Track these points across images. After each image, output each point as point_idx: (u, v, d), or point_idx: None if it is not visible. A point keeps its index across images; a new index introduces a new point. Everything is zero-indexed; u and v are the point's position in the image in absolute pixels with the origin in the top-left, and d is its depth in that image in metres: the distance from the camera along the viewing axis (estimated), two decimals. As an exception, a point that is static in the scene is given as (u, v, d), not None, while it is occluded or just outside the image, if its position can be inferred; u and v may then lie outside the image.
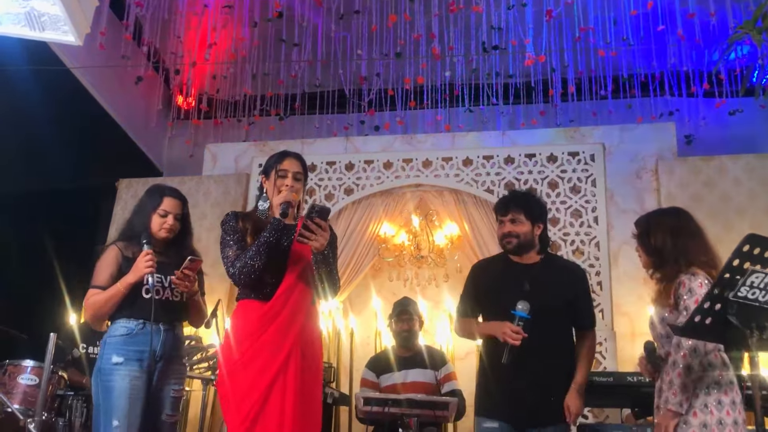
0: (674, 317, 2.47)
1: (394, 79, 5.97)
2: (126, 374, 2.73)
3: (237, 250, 2.56)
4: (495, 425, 2.74)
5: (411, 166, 5.51)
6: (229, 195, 5.84)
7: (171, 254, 2.95)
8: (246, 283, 2.54)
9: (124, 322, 2.82)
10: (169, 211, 2.95)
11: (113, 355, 2.75)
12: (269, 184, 2.70)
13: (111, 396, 2.69)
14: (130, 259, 2.87)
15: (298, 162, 2.73)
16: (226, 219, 2.68)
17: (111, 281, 2.85)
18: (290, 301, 2.53)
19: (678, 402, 2.38)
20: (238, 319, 2.60)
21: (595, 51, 5.62)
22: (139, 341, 2.79)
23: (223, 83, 6.43)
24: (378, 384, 4.27)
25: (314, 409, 2.53)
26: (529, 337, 2.67)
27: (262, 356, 2.45)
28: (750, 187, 4.93)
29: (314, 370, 2.56)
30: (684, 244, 2.57)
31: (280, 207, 2.55)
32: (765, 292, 2.16)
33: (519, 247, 2.89)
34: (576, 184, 5.19)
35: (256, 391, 2.41)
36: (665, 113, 5.81)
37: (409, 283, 5.45)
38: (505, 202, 2.97)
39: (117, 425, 2.65)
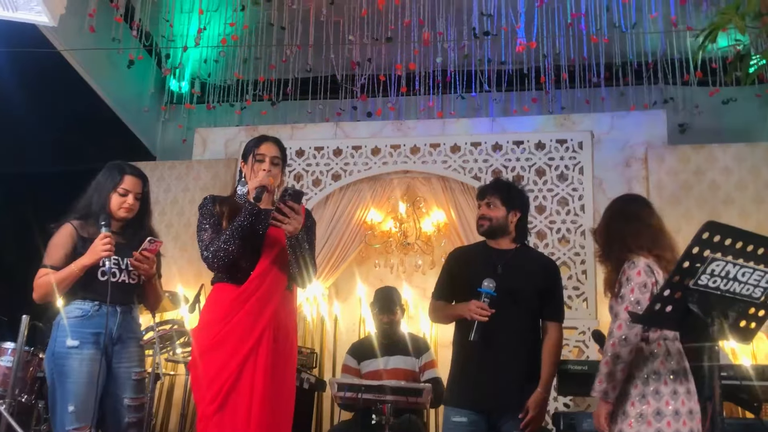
0: (618, 305, 2.44)
1: (386, 65, 5.92)
2: (82, 358, 2.67)
3: (212, 234, 2.55)
4: (463, 420, 2.74)
5: (399, 152, 5.48)
6: (219, 180, 5.83)
7: (128, 235, 2.89)
8: (219, 267, 2.53)
9: (79, 304, 2.76)
10: (129, 189, 2.87)
11: (68, 338, 2.68)
12: (247, 168, 2.68)
13: (66, 381, 2.65)
14: (85, 239, 2.78)
15: (275, 146, 2.70)
16: (203, 203, 2.67)
17: (65, 261, 2.75)
18: (264, 285, 2.52)
19: (602, 390, 2.37)
20: (211, 302, 2.59)
21: (588, 38, 5.55)
22: (95, 323, 2.73)
23: (215, 67, 6.41)
24: (359, 370, 4.26)
25: (285, 393, 2.52)
26: (497, 317, 2.66)
27: (233, 338, 2.44)
28: (739, 176, 4.87)
29: (286, 354, 2.55)
30: (629, 230, 2.53)
31: (255, 191, 2.53)
32: (726, 280, 2.13)
33: (491, 231, 2.92)
34: (563, 171, 5.15)
35: (225, 372, 2.40)
36: (659, 101, 5.75)
37: (395, 270, 5.43)
38: (484, 187, 3.05)
39: (73, 410, 2.60)
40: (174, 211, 5.77)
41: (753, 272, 2.14)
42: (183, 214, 5.76)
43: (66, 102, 5.88)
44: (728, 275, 2.13)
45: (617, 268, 2.49)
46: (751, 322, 2.26)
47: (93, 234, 2.78)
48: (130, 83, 6.47)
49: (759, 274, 2.14)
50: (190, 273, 5.30)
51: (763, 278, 2.15)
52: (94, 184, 2.92)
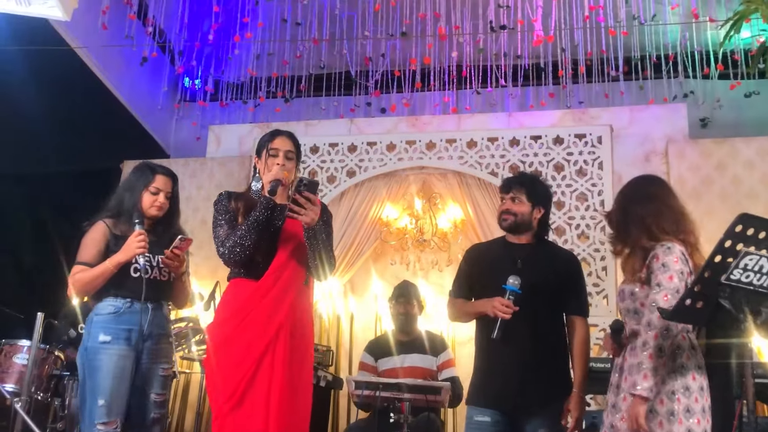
0: (644, 293, 2.32)
1: (401, 60, 5.87)
2: (113, 353, 2.71)
3: (227, 230, 2.53)
4: (487, 419, 2.67)
5: (414, 148, 5.42)
6: (233, 177, 5.81)
7: (159, 233, 2.93)
8: (235, 262, 2.51)
9: (112, 301, 2.79)
10: (160, 188, 2.91)
11: (100, 334, 2.72)
12: (261, 163, 2.66)
13: (97, 375, 2.68)
14: (118, 236, 2.83)
15: (289, 141, 2.67)
16: (219, 199, 2.66)
17: (98, 258, 2.80)
18: (281, 280, 2.49)
19: (649, 387, 2.18)
20: (228, 297, 2.57)
21: (606, 30, 5.46)
22: (127, 320, 2.77)
23: (229, 64, 6.38)
24: (376, 368, 4.22)
25: (303, 389, 2.48)
26: (519, 314, 2.60)
27: (249, 334, 2.41)
28: (763, 170, 4.77)
29: (303, 350, 2.52)
30: (649, 211, 2.40)
31: (270, 185, 2.50)
32: (760, 275, 2.06)
33: (515, 226, 2.83)
34: (582, 167, 5.07)
35: (241, 368, 2.37)
36: (679, 95, 5.64)
37: (411, 267, 5.37)
38: (510, 180, 2.92)
39: (102, 404, 2.64)
40: (189, 209, 5.74)
41: (788, 267, 2.06)
42: (198, 211, 5.73)
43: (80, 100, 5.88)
44: (762, 270, 2.05)
45: (640, 252, 2.37)
46: (785, 317, 2.18)
47: (125, 232, 2.83)
48: (143, 81, 6.46)
49: (794, 269, 2.06)
50: (205, 270, 5.27)
51: (797, 273, 2.07)
52: (126, 183, 2.98)
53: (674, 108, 5.26)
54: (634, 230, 2.41)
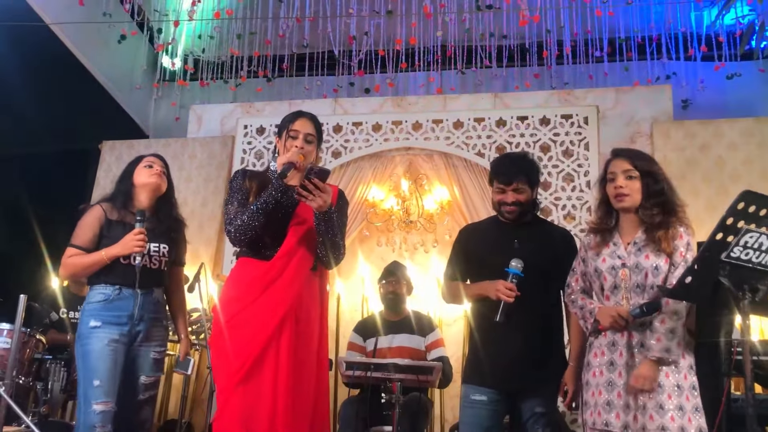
0: (667, 267, 2.34)
1: (385, 40, 5.80)
2: (103, 336, 2.74)
3: (237, 208, 2.52)
4: (483, 398, 2.67)
5: (401, 128, 5.38)
6: (214, 157, 5.71)
7: (154, 220, 2.94)
8: (241, 242, 2.50)
9: (102, 288, 2.83)
10: (152, 162, 2.98)
11: (91, 320, 2.76)
12: (281, 144, 2.64)
13: (90, 358, 2.71)
14: (112, 222, 2.88)
15: (311, 123, 2.65)
16: (234, 176, 2.66)
17: (93, 242, 2.85)
18: (289, 266, 2.47)
19: (664, 348, 2.25)
20: (235, 277, 2.57)
21: (592, 11, 5.45)
22: (116, 306, 2.80)
23: (210, 43, 6.25)
24: (364, 348, 4.21)
25: (307, 373, 2.47)
26: (521, 295, 2.60)
27: (257, 319, 2.41)
28: (747, 151, 4.81)
29: (309, 336, 2.51)
30: (674, 193, 2.46)
31: (282, 167, 2.47)
32: (759, 252, 2.07)
33: (521, 215, 2.79)
34: (569, 147, 5.07)
35: (249, 348, 2.37)
36: (662, 76, 5.67)
37: (397, 249, 5.35)
38: (509, 170, 2.77)
39: (98, 384, 2.66)
40: (170, 190, 5.64)
41: (787, 244, 2.07)
42: (179, 192, 5.54)
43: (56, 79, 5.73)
44: (761, 247, 2.06)
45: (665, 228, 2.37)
46: (781, 296, 2.20)
47: (121, 217, 2.90)
48: (121, 59, 6.31)
49: (792, 246, 2.08)
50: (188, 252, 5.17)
51: (795, 250, 2.09)
52: (122, 173, 3.05)
53: (659, 89, 5.28)
54: (669, 205, 2.42)
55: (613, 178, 2.46)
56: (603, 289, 2.45)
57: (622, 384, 2.32)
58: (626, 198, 2.42)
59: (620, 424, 2.28)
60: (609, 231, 2.48)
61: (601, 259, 2.45)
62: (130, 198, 2.94)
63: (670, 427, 2.21)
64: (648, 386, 2.24)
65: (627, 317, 2.32)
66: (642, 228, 2.43)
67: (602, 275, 2.44)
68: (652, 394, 2.24)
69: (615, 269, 2.41)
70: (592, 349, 2.44)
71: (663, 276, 2.33)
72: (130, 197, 2.94)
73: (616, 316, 2.33)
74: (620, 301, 2.39)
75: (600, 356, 2.40)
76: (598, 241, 2.49)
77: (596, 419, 2.34)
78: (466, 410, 2.73)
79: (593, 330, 2.42)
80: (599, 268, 2.45)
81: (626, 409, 2.28)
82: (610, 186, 2.47)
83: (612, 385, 2.34)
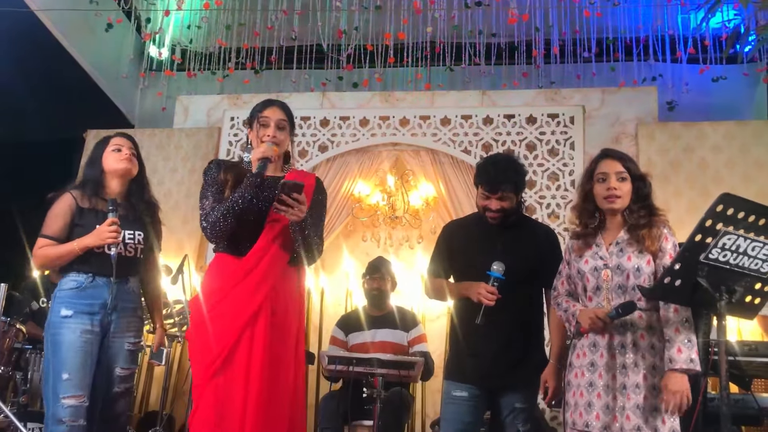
0: (651, 269, 2.36)
1: (374, 35, 5.79)
2: (76, 327, 2.66)
3: (213, 203, 2.47)
4: (464, 394, 2.69)
5: (388, 124, 5.38)
6: (200, 148, 5.68)
7: (127, 205, 2.87)
8: (217, 239, 2.47)
9: (74, 276, 2.74)
10: (121, 144, 2.87)
11: (62, 309, 2.68)
12: (253, 134, 2.59)
13: (60, 349, 2.63)
14: (85, 210, 2.78)
15: (281, 110, 2.59)
16: (208, 168, 2.59)
17: (64, 231, 2.76)
18: (263, 261, 2.44)
19: (699, 363, 2.24)
20: (212, 272, 2.54)
21: (580, 11, 5.48)
22: (89, 294, 2.72)
23: (198, 34, 6.21)
24: (347, 343, 4.22)
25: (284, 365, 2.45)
26: (501, 297, 2.61)
27: (231, 310, 2.39)
28: (729, 154, 4.86)
29: (285, 328, 2.48)
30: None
31: (257, 163, 2.42)
32: (736, 254, 2.10)
33: (503, 220, 2.79)
34: (554, 146, 5.10)
35: (222, 341, 2.35)
36: (648, 78, 5.72)
37: (382, 244, 5.36)
38: (495, 178, 2.74)
39: (67, 378, 2.59)
40: (154, 181, 5.47)
41: (763, 246, 2.11)
42: (163, 183, 5.60)
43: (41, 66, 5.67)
44: (738, 249, 2.10)
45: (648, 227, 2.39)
46: (757, 297, 2.24)
47: (93, 205, 2.79)
48: (107, 48, 6.25)
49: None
50: (171, 243, 5.16)
51: (772, 253, 2.12)
52: (88, 159, 2.95)
53: (645, 91, 5.32)
54: (648, 202, 2.44)
55: (605, 179, 2.45)
56: (586, 290, 2.46)
57: (602, 385, 2.33)
58: (618, 200, 2.44)
59: (600, 425, 2.30)
60: (592, 234, 2.49)
61: (584, 260, 2.47)
62: (100, 185, 2.84)
63: (644, 428, 2.23)
64: (686, 400, 2.22)
65: (605, 319, 2.34)
66: (624, 228, 2.45)
67: (585, 276, 2.45)
68: (632, 395, 2.26)
69: (597, 270, 2.43)
70: (575, 350, 2.46)
71: (645, 277, 2.35)
72: (100, 184, 2.84)
73: (594, 317, 2.35)
74: (602, 302, 2.40)
75: (582, 357, 2.42)
76: (581, 244, 2.50)
77: (577, 420, 2.36)
78: (448, 406, 2.76)
79: (576, 332, 2.44)
80: (582, 270, 2.46)
81: (606, 410, 2.30)
82: (600, 186, 2.47)
83: (593, 386, 2.36)
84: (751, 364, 3.25)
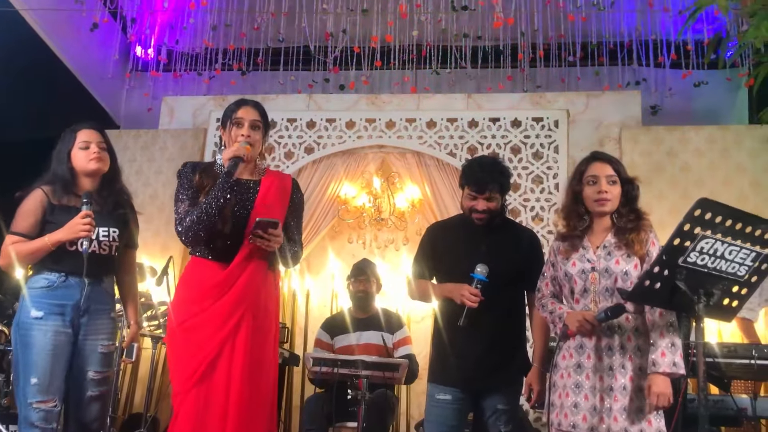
0: (638, 273, 2.39)
1: (361, 37, 5.81)
2: (47, 329, 2.57)
3: (188, 207, 2.44)
4: (448, 397, 2.71)
5: (374, 126, 5.40)
6: (186, 150, 5.66)
7: (102, 202, 2.76)
8: (192, 243, 2.44)
9: (46, 274, 2.65)
10: (89, 140, 2.73)
11: (32, 309, 2.57)
12: (226, 135, 2.56)
13: (30, 352, 2.55)
14: (55, 206, 2.67)
15: (255, 110, 2.56)
16: (182, 170, 2.54)
17: (35, 228, 2.65)
18: (248, 269, 2.42)
19: (683, 366, 2.27)
20: (189, 277, 2.50)
21: (566, 15, 5.53)
22: (60, 294, 2.63)
23: (183, 34, 6.20)
24: (332, 345, 4.22)
25: (265, 368, 2.45)
26: (485, 299, 2.63)
27: (212, 322, 2.37)
28: (711, 158, 4.93)
29: (265, 331, 2.47)
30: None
31: (228, 163, 2.39)
32: (714, 258, 2.14)
33: (489, 221, 2.81)
34: (539, 150, 5.14)
35: (204, 350, 2.34)
36: (632, 82, 5.78)
37: (368, 246, 5.38)
38: (482, 178, 2.76)
39: (36, 382, 2.51)
40: (139, 182, 5.58)
41: (740, 250, 2.15)
42: (149, 185, 5.58)
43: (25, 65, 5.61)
44: (716, 253, 2.14)
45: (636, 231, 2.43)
46: (734, 300, 2.28)
47: (64, 201, 2.69)
48: (93, 48, 6.21)
49: (745, 252, 2.15)
50: (156, 245, 5.16)
51: (748, 256, 2.16)
52: (54, 153, 2.79)
53: (629, 95, 5.38)
54: (635, 205, 2.49)
55: (596, 182, 2.48)
56: (573, 292, 2.48)
57: (588, 386, 2.36)
58: (608, 203, 2.46)
59: (587, 426, 2.32)
60: (579, 236, 2.51)
61: (571, 262, 2.48)
62: (71, 182, 2.72)
63: (630, 430, 2.26)
64: (667, 402, 2.25)
65: (593, 321, 2.36)
66: (612, 231, 2.47)
67: (572, 279, 2.47)
68: (619, 397, 2.28)
69: (585, 273, 2.45)
70: (561, 352, 2.47)
71: (632, 281, 2.37)
72: (71, 182, 2.72)
73: (583, 320, 2.37)
74: (589, 305, 2.43)
75: (568, 358, 2.43)
76: (567, 247, 2.52)
77: (562, 420, 2.37)
78: (432, 409, 2.77)
79: (562, 335, 2.45)
80: (569, 272, 2.48)
81: (593, 412, 2.32)
82: (590, 188, 2.49)
83: (579, 388, 2.37)
84: (731, 365, 3.28)
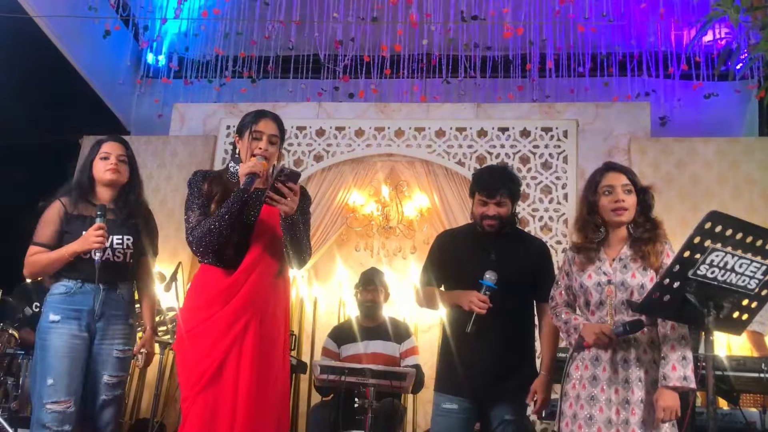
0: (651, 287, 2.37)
1: (371, 46, 5.84)
2: (64, 332, 2.68)
3: (199, 216, 2.44)
4: (455, 407, 2.70)
5: (383, 135, 5.42)
6: (196, 157, 5.70)
7: (117, 211, 2.86)
8: (203, 254, 2.44)
9: (65, 282, 2.77)
10: (109, 152, 2.85)
11: (51, 314, 2.71)
12: (242, 145, 2.55)
13: (47, 354, 2.66)
14: (73, 216, 2.80)
15: (274, 124, 2.56)
16: (193, 179, 2.54)
17: (54, 238, 2.78)
18: (252, 277, 2.42)
19: (693, 380, 2.25)
20: (198, 284, 2.51)
21: (575, 26, 5.54)
22: (77, 300, 2.74)
23: (195, 42, 6.24)
24: (339, 354, 4.22)
25: (273, 375, 2.45)
26: (493, 307, 2.63)
27: (219, 327, 2.37)
28: (720, 170, 4.93)
29: (273, 338, 2.47)
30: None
31: (245, 179, 2.39)
32: (724, 271, 2.13)
33: (500, 228, 2.81)
34: (548, 160, 5.15)
35: (210, 356, 2.34)
36: (642, 93, 5.78)
37: (376, 254, 5.39)
38: (493, 183, 2.78)
39: (51, 383, 2.61)
40: (149, 188, 5.56)
41: (750, 263, 2.14)
42: (159, 191, 5.62)
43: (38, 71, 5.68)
44: (726, 266, 2.13)
45: (652, 243, 2.43)
46: (744, 313, 2.26)
47: (81, 210, 2.81)
48: (105, 54, 6.27)
49: (756, 266, 2.14)
50: (165, 251, 5.11)
51: (759, 270, 2.15)
52: (81, 164, 2.95)
53: (638, 106, 5.38)
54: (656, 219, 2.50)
55: (611, 192, 2.47)
56: (588, 304, 2.46)
57: (604, 399, 2.34)
58: (625, 212, 2.46)
59: None
60: (594, 248, 2.50)
61: (587, 275, 2.47)
62: (89, 191, 2.85)
63: None
64: (675, 415, 2.24)
65: (610, 335, 2.35)
66: (627, 242, 2.47)
67: (588, 291, 2.45)
68: (636, 410, 2.27)
69: (601, 286, 2.43)
70: (574, 362, 2.45)
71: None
72: (88, 190, 2.85)
73: (600, 333, 2.36)
74: (605, 317, 2.41)
75: (582, 369, 2.42)
76: (583, 259, 2.50)
77: (575, 430, 2.36)
78: (438, 419, 2.76)
79: (577, 345, 2.44)
80: (585, 284, 2.46)
81: (608, 424, 2.31)
82: (606, 199, 2.48)
83: (594, 400, 2.36)
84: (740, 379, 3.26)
